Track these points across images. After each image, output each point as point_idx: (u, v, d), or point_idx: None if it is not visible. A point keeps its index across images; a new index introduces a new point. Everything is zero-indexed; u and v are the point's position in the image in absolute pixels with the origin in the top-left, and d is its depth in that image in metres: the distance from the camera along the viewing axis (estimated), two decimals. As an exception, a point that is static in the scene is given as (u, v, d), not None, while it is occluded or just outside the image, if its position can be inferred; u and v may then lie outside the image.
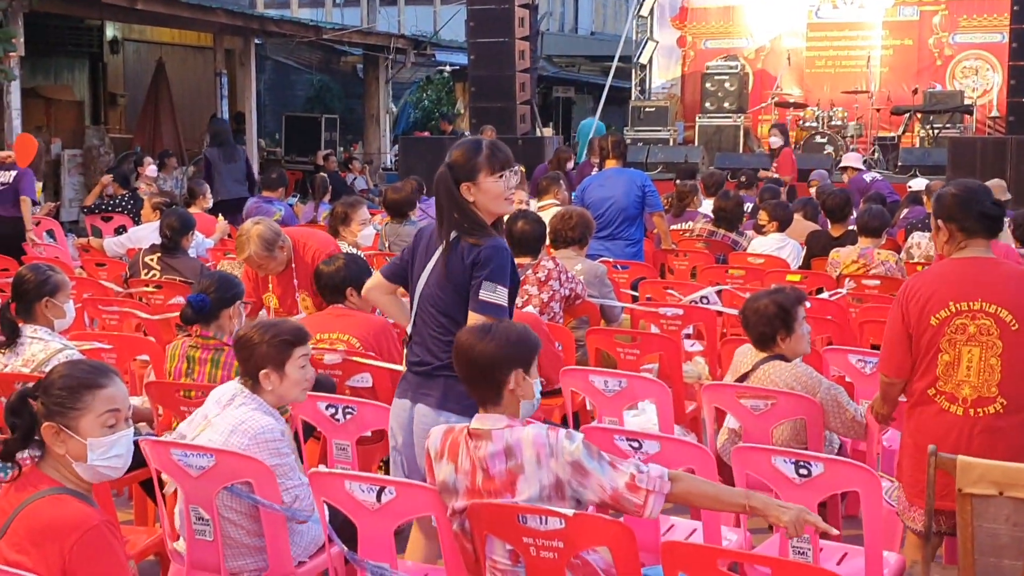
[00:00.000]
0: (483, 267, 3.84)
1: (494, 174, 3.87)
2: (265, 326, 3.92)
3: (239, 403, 3.83)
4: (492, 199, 3.89)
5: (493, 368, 3.33)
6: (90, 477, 2.96)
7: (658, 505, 3.23)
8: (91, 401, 2.93)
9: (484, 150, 3.90)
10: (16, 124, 13.23)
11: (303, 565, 3.84)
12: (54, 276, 4.93)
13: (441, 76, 24.64)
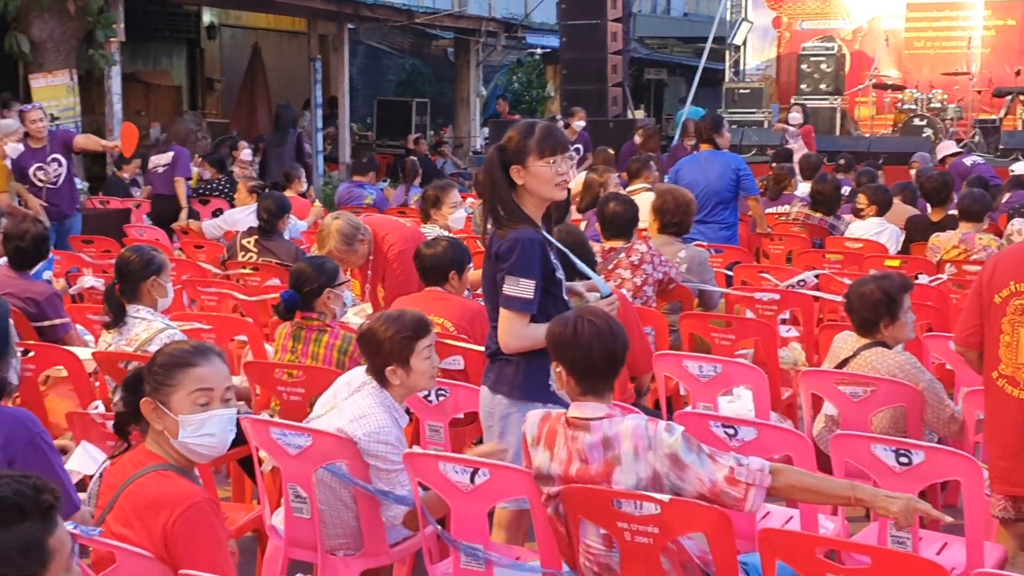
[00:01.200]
0: (504, 259, 3.80)
1: (543, 158, 3.79)
2: (388, 321, 3.90)
3: (365, 393, 3.86)
4: (541, 183, 3.82)
5: (619, 362, 3.33)
6: (186, 453, 3.01)
7: (759, 499, 3.16)
8: (183, 379, 2.99)
9: (536, 132, 3.83)
10: (117, 109, 13.51)
11: (397, 545, 3.88)
12: (157, 256, 5.03)
13: (532, 59, 24.60)
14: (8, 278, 5.93)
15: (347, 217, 6.01)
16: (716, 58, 20.47)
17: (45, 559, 1.99)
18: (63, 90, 12.60)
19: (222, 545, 2.88)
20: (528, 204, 3.87)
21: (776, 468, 3.21)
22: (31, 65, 12.63)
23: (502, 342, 3.90)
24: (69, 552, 2.05)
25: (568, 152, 3.85)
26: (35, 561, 1.97)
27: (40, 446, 3.13)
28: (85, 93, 13.45)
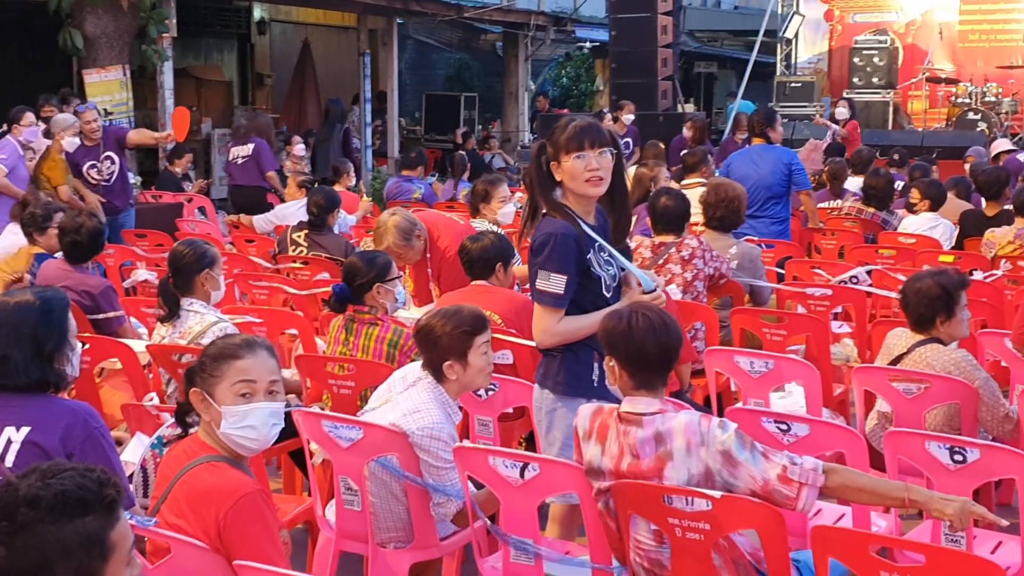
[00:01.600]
0: (536, 254, 3.78)
1: (570, 152, 3.74)
2: (447, 316, 3.91)
3: (421, 387, 3.87)
4: (571, 179, 3.77)
5: (673, 357, 3.31)
6: (231, 445, 3.03)
7: (811, 498, 3.13)
8: (226, 370, 3.02)
9: (568, 128, 3.77)
10: (169, 104, 13.65)
11: (447, 538, 3.88)
12: (210, 250, 5.08)
13: (581, 53, 24.54)
14: (63, 271, 6.02)
15: (403, 213, 6.03)
16: (767, 51, 20.33)
17: (106, 554, 2.00)
18: (116, 85, 12.75)
19: (274, 536, 2.90)
20: (572, 201, 3.83)
21: (830, 468, 3.17)
22: (85, 61, 12.79)
23: (535, 338, 3.91)
24: (130, 546, 2.06)
25: (602, 148, 3.75)
26: (96, 555, 1.98)
27: (99, 441, 3.16)
28: (137, 88, 13.60)
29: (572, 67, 24.60)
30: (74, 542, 1.96)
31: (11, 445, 3.11)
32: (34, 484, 1.99)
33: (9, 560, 1.95)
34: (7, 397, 3.18)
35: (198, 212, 11.34)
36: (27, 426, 3.12)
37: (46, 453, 3.07)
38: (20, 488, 1.99)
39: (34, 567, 1.95)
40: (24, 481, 2.00)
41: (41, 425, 3.12)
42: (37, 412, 3.15)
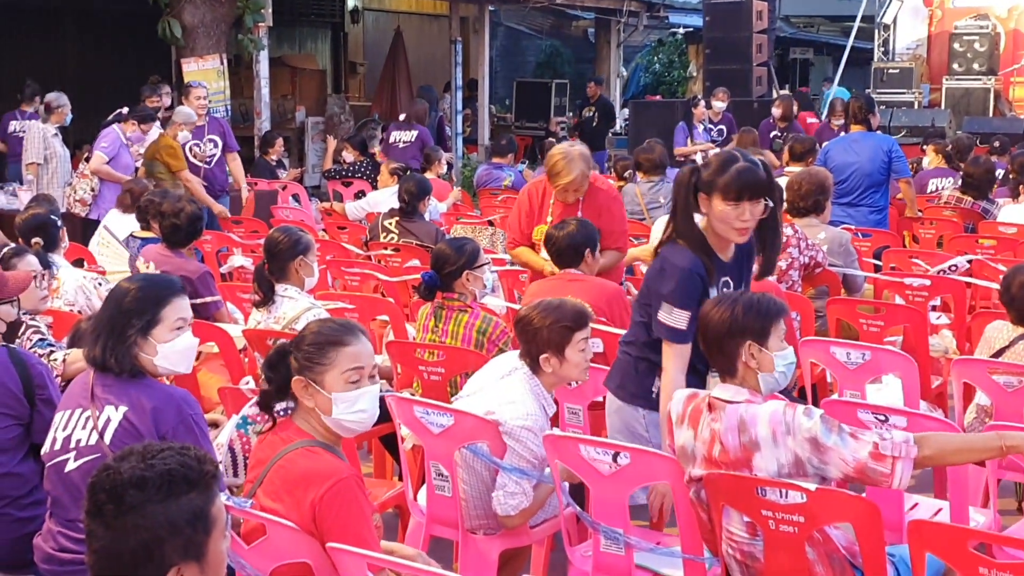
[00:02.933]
0: (662, 284, 3.73)
1: (727, 201, 3.69)
2: (547, 309, 3.90)
3: (517, 378, 3.88)
4: (720, 221, 3.72)
5: (721, 339, 3.27)
6: (337, 429, 3.07)
7: (907, 472, 3.08)
8: (336, 357, 3.04)
9: (729, 172, 3.68)
10: (264, 92, 13.82)
11: (537, 526, 3.89)
12: (304, 237, 5.14)
13: (674, 38, 24.31)
14: (163, 256, 6.14)
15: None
16: (864, 37, 19.92)
17: (209, 528, 2.06)
18: (213, 74, 12.95)
19: (368, 520, 2.93)
20: (712, 234, 3.78)
21: (920, 437, 3.12)
22: (183, 50, 13.01)
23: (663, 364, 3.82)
24: (225, 521, 2.12)
25: (761, 200, 3.67)
26: (201, 530, 2.04)
27: (191, 427, 3.21)
28: (234, 77, 13.80)
29: (665, 53, 24.37)
30: (181, 519, 2.02)
31: (109, 423, 3.19)
32: (137, 466, 2.03)
33: (118, 541, 2.00)
34: (110, 378, 3.25)
35: (292, 199, 11.48)
36: (125, 406, 3.20)
37: (139, 434, 3.14)
38: (123, 471, 2.03)
39: (144, 546, 2.00)
40: (124, 464, 2.05)
41: (138, 407, 3.19)
42: (135, 394, 3.22)
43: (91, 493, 2.04)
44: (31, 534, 3.33)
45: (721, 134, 13.58)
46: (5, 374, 3.46)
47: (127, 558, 2.00)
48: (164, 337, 3.30)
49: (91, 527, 2.03)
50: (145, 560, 2.00)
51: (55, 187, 9.68)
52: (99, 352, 3.25)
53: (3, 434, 3.43)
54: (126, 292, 3.34)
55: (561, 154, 5.66)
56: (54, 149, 9.91)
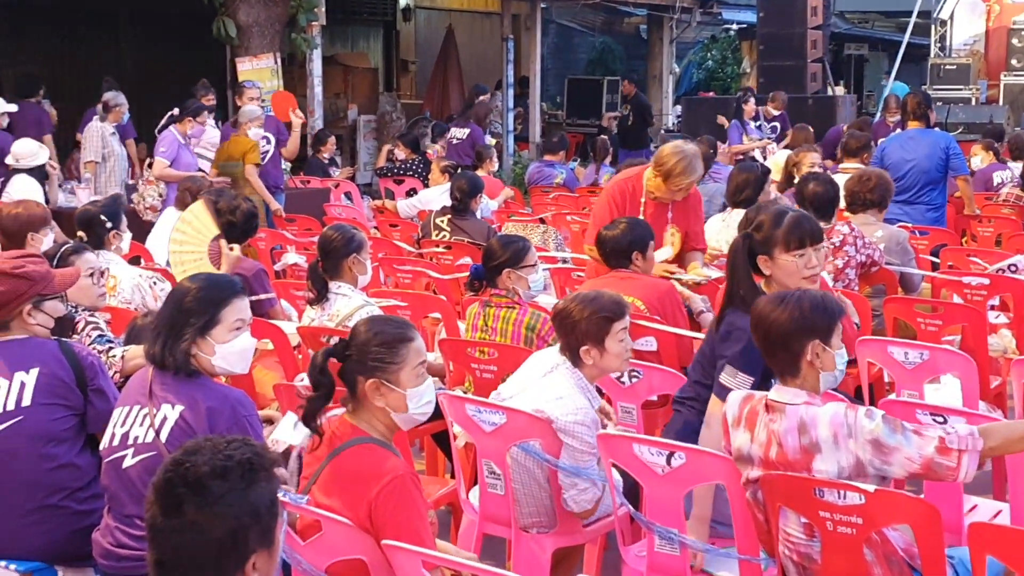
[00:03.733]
0: (729, 346, 3.70)
1: (791, 251, 3.69)
2: (584, 301, 3.89)
3: (560, 374, 3.87)
4: (787, 276, 3.71)
5: (787, 338, 3.23)
6: (403, 424, 3.11)
7: (972, 465, 3.04)
8: (407, 354, 3.08)
9: (785, 223, 3.70)
10: (317, 91, 13.91)
11: (590, 525, 3.87)
12: (357, 235, 5.16)
13: (727, 35, 24.16)
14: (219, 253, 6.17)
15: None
16: (920, 33, 19.67)
17: (278, 512, 2.11)
18: (267, 73, 13.05)
19: (423, 517, 2.94)
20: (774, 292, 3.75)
21: (984, 429, 3.08)
22: (237, 49, 13.13)
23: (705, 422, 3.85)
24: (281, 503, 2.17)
25: (820, 244, 3.70)
26: (273, 516, 2.09)
27: (245, 428, 3.22)
28: (287, 76, 13.89)
29: (718, 49, 24.22)
30: (262, 505, 2.07)
31: (166, 422, 3.22)
32: (215, 458, 2.07)
33: (203, 533, 2.02)
34: (168, 376, 3.28)
35: (344, 197, 11.54)
36: (181, 405, 3.22)
37: (194, 433, 3.15)
38: (200, 463, 2.06)
39: (231, 534, 2.03)
40: (199, 457, 2.07)
41: (193, 406, 3.21)
42: (192, 394, 3.24)
43: (167, 489, 2.05)
44: (90, 528, 3.37)
45: (775, 131, 13.46)
46: (57, 365, 3.51)
47: (212, 550, 2.03)
48: (223, 338, 3.32)
49: (166, 524, 2.04)
50: (231, 550, 2.03)
51: (113, 185, 9.81)
52: (158, 350, 3.29)
53: (59, 424, 3.47)
54: (187, 291, 3.37)
55: (679, 154, 5.56)
56: (112, 148, 10.04)
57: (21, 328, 3.60)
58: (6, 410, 3.45)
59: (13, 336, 3.58)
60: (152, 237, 7.97)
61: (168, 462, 2.10)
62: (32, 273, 3.60)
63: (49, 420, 3.46)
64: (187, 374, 3.27)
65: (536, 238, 7.75)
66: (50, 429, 3.46)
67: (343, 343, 3.13)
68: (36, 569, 3.44)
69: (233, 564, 2.03)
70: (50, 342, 3.61)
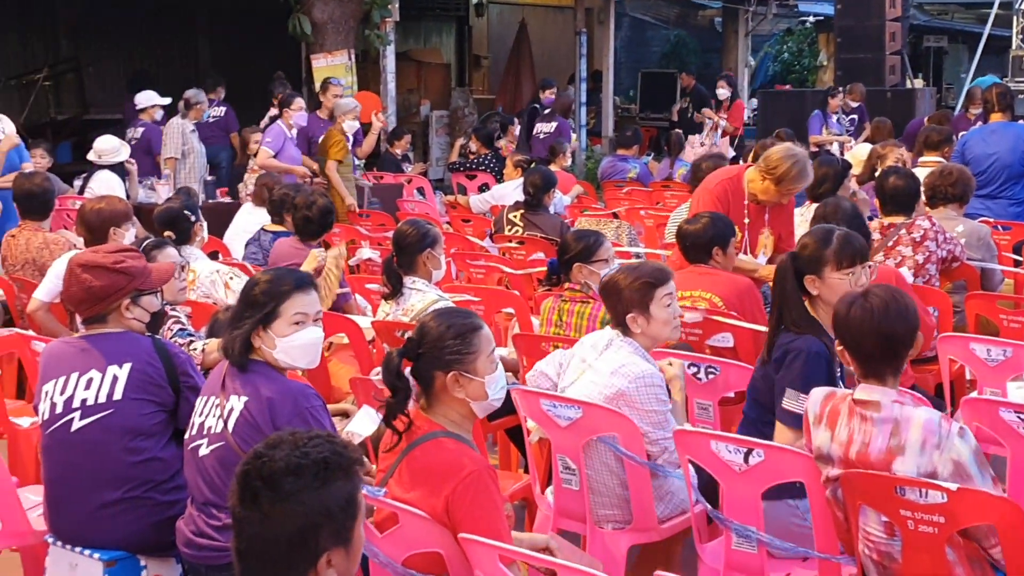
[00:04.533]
0: (786, 368, 3.66)
1: (840, 269, 3.69)
2: (628, 270, 3.95)
3: (616, 347, 3.88)
4: (835, 295, 3.66)
5: (896, 341, 3.16)
6: (481, 412, 3.13)
7: None
8: (479, 342, 3.09)
9: (833, 242, 3.73)
10: (391, 87, 14.00)
11: (667, 521, 3.84)
12: (432, 230, 5.19)
13: (803, 27, 23.85)
14: (295, 249, 6.25)
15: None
16: (1002, 24, 19.25)
17: (355, 512, 2.11)
18: (341, 69, 13.16)
19: (500, 511, 2.94)
20: (822, 313, 3.75)
21: None
22: (312, 46, 13.26)
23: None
24: (365, 505, 2.18)
25: (867, 263, 3.73)
26: (350, 515, 2.10)
27: (307, 419, 3.23)
28: (361, 72, 13.99)
29: (794, 42, 23.91)
30: (335, 505, 2.07)
31: (232, 412, 3.26)
32: (292, 454, 2.08)
33: (274, 528, 2.05)
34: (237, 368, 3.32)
35: (416, 192, 11.60)
36: (246, 396, 3.27)
37: (256, 424, 3.20)
38: (277, 459, 2.08)
39: (300, 532, 2.05)
40: (278, 452, 2.09)
41: (256, 397, 3.25)
42: (256, 385, 3.28)
43: (244, 481, 2.09)
44: (172, 518, 3.43)
45: (853, 123, 13.27)
46: (150, 361, 3.57)
47: (283, 545, 2.05)
48: (283, 331, 3.34)
49: (244, 515, 2.08)
50: (300, 546, 2.05)
51: (192, 181, 9.97)
52: (227, 342, 3.34)
53: (148, 419, 3.54)
54: (255, 283, 3.42)
55: (792, 158, 5.48)
56: (192, 144, 10.21)
57: (118, 322, 3.67)
58: (97, 403, 3.52)
59: (109, 330, 3.65)
60: (230, 232, 8.08)
61: (250, 454, 2.13)
62: (131, 268, 3.68)
63: (139, 415, 3.53)
64: (244, 366, 3.30)
65: (609, 233, 7.72)
66: (139, 424, 3.52)
67: (414, 342, 3.12)
68: (119, 558, 3.51)
69: (304, 560, 2.05)
70: (144, 339, 3.68)
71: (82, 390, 3.53)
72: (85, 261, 3.66)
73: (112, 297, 3.63)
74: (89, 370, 3.54)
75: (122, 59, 15.42)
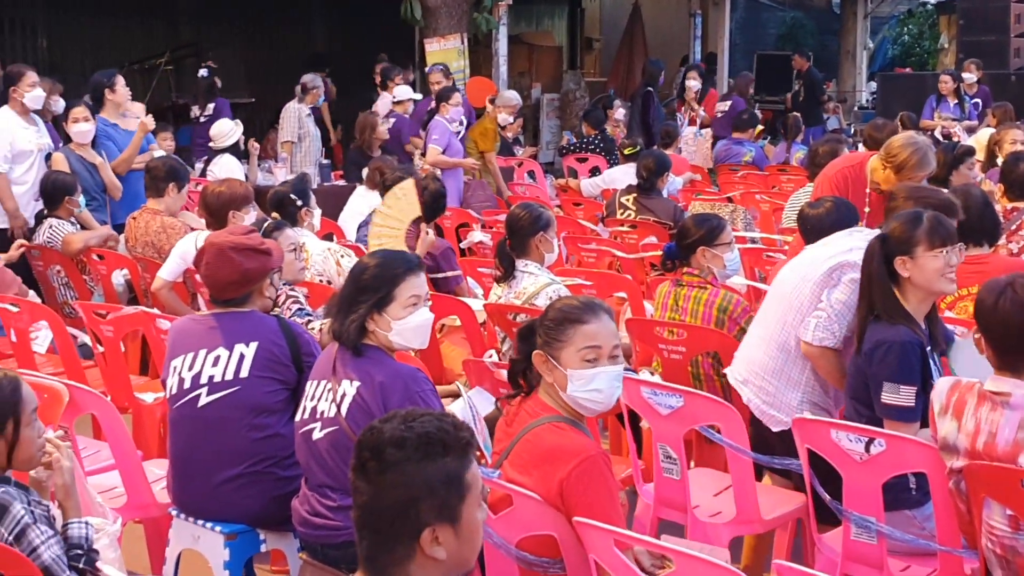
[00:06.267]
0: (878, 363, 3.54)
1: (933, 248, 3.58)
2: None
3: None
4: (929, 276, 3.59)
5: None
6: (574, 406, 3.08)
7: None
8: (573, 335, 3.04)
9: (924, 222, 3.64)
10: (503, 71, 14.00)
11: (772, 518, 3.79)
12: (545, 213, 5.18)
13: (924, 8, 23.23)
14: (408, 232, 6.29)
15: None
16: None
17: (463, 492, 2.10)
18: (454, 53, 13.21)
19: (615, 497, 2.93)
20: (911, 299, 3.65)
21: None
22: (425, 30, 13.34)
23: None
24: (481, 488, 2.16)
25: (958, 243, 3.66)
26: (455, 493, 2.09)
27: (418, 403, 3.24)
28: (473, 56, 14.03)
29: (914, 24, 23.32)
30: (436, 480, 2.07)
31: (345, 397, 3.29)
32: (398, 427, 2.11)
33: (379, 497, 2.09)
34: (348, 352, 3.35)
35: (527, 176, 11.61)
36: (358, 381, 3.29)
37: (369, 408, 3.23)
38: (384, 431, 2.11)
39: (401, 503, 2.07)
40: (388, 425, 2.13)
41: (368, 382, 3.28)
42: (368, 369, 3.31)
43: (358, 450, 2.13)
44: (291, 494, 3.49)
45: (977, 107, 12.87)
46: (276, 340, 3.64)
47: (386, 513, 2.08)
48: (398, 314, 3.36)
49: (356, 483, 2.13)
50: (402, 516, 2.07)
51: (308, 165, 10.11)
52: (338, 326, 3.37)
53: (272, 397, 3.61)
54: (365, 268, 3.45)
55: (912, 146, 5.43)
56: (308, 129, 10.34)
57: (256, 302, 3.78)
58: (224, 379, 3.60)
59: (238, 309, 3.72)
60: (344, 214, 8.19)
61: (367, 427, 2.17)
62: (271, 247, 3.80)
63: (263, 392, 3.60)
64: (358, 350, 3.34)
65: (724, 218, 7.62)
66: (263, 401, 3.60)
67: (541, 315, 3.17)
68: (240, 531, 3.60)
69: (405, 532, 2.07)
70: (270, 318, 3.76)
71: (209, 367, 3.62)
72: (235, 243, 3.73)
73: (260, 277, 3.74)
74: (217, 347, 3.63)
75: (240, 44, 15.70)
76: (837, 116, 17.59)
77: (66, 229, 6.54)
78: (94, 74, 8.01)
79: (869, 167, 5.59)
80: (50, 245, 6.55)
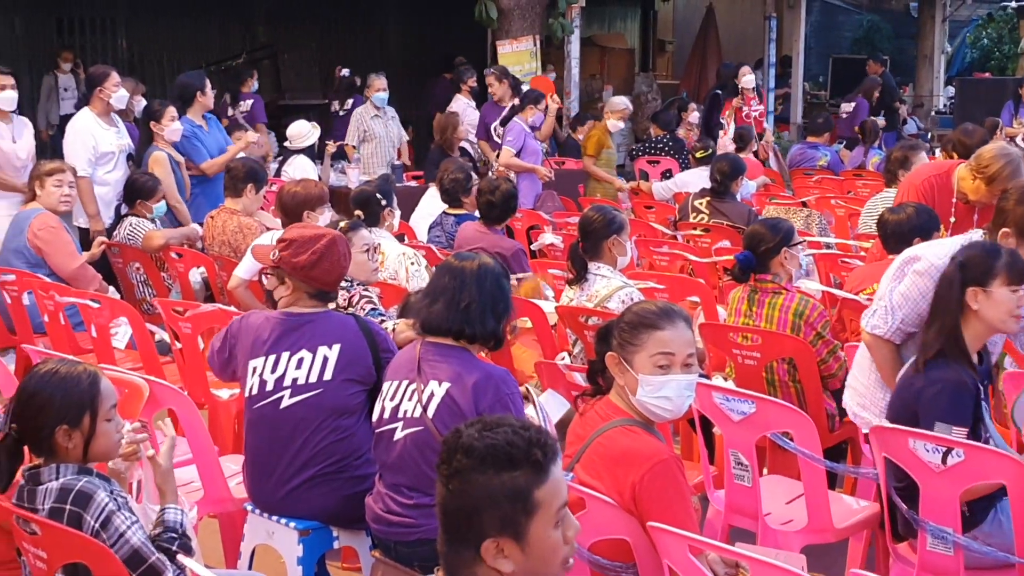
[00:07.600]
0: (931, 404, 3.45)
1: (1011, 284, 3.50)
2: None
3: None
4: (998, 311, 3.51)
5: None
6: (643, 411, 3.06)
7: None
8: (647, 340, 3.03)
9: (1004, 256, 3.57)
10: (575, 73, 14.00)
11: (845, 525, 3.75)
12: (618, 216, 5.17)
13: (1004, 13, 22.79)
14: (480, 233, 6.33)
15: None
16: None
17: (530, 509, 2.06)
18: (526, 55, 13.23)
19: (688, 502, 2.91)
20: (970, 331, 3.56)
21: None
22: (498, 32, 13.38)
23: None
24: (560, 505, 2.10)
25: None
26: (520, 509, 2.05)
27: (507, 405, 3.25)
28: (545, 58, 14.04)
29: (994, 28, 22.89)
30: (500, 493, 2.04)
31: (433, 398, 3.28)
32: (473, 434, 2.10)
33: (448, 499, 2.09)
34: (437, 354, 3.35)
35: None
36: (448, 382, 3.28)
37: (460, 409, 3.22)
38: (463, 435, 2.10)
39: (463, 510, 2.07)
40: (468, 429, 2.12)
41: (459, 383, 3.27)
42: (458, 370, 3.30)
43: (443, 450, 2.13)
44: (364, 492, 3.51)
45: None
46: (358, 342, 3.66)
47: (452, 517, 2.09)
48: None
49: (437, 482, 2.13)
50: (465, 523, 2.07)
51: (380, 165, 10.17)
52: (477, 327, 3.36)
53: (353, 399, 3.64)
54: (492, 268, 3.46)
55: (1005, 157, 5.24)
56: (372, 130, 10.39)
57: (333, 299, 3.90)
58: (308, 382, 3.62)
59: (317, 310, 3.74)
60: (416, 215, 8.24)
61: (453, 428, 2.16)
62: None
63: (346, 395, 3.63)
64: (484, 343, 3.39)
65: (799, 222, 7.55)
66: (345, 403, 3.63)
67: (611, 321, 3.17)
68: (314, 528, 3.63)
69: (468, 540, 2.06)
70: (348, 317, 3.79)
71: (293, 369, 3.63)
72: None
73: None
74: (300, 350, 3.65)
75: (314, 45, 15.86)
76: (914, 120, 17.34)
77: (146, 226, 6.66)
78: (180, 75, 8.16)
79: (956, 176, 5.45)
80: (129, 242, 6.68)
